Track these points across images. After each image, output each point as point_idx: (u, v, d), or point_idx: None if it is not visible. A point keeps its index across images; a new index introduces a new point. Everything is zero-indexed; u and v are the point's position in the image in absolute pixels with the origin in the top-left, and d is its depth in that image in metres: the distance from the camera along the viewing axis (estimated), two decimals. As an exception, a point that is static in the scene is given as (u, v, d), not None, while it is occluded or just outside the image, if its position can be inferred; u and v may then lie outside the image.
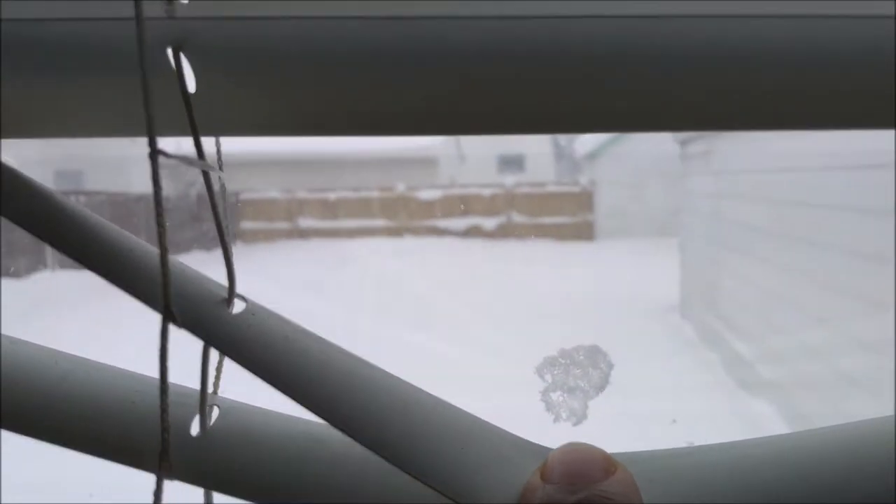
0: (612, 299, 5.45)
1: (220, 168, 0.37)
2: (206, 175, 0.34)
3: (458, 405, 0.38)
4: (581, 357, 0.40)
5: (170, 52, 0.33)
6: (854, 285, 2.70)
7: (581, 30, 0.34)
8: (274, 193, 10.41)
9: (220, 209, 0.35)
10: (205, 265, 0.40)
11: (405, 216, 10.37)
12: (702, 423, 2.74)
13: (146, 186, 0.35)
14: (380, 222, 10.30)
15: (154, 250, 0.32)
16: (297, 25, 0.35)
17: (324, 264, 7.62)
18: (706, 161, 4.92)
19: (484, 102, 0.35)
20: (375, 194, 10.54)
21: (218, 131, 0.38)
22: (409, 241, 9.84)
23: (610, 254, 8.68)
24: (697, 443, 0.37)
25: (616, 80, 0.35)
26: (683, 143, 5.46)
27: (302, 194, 10.55)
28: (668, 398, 3.11)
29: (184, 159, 0.31)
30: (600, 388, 0.39)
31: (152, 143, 0.29)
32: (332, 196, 10.53)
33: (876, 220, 2.49)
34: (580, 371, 0.39)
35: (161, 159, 0.30)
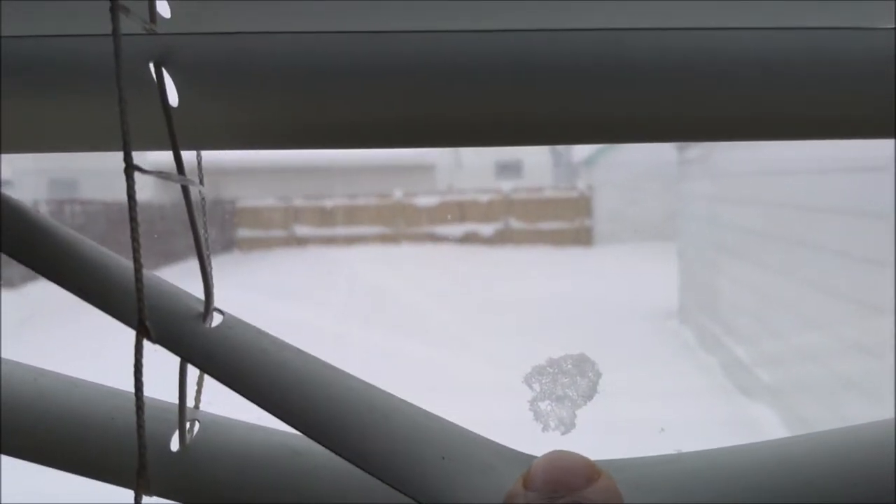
0: (611, 305, 5.44)
1: (201, 182, 0.37)
2: (185, 189, 0.34)
3: (449, 414, 0.38)
4: (569, 366, 0.40)
5: (151, 66, 0.33)
6: (852, 289, 2.70)
7: (583, 42, 0.34)
8: (270, 201, 10.40)
9: (199, 223, 0.34)
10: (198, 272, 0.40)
11: (402, 223, 10.36)
12: (702, 426, 2.73)
13: (140, 195, 0.35)
14: (377, 229, 10.28)
15: (129, 266, 0.32)
16: (277, 40, 0.35)
17: (321, 272, 7.62)
18: (703, 165, 4.93)
19: (463, 114, 0.35)
20: (372, 201, 10.52)
21: (200, 144, 0.38)
22: (406, 249, 9.83)
23: (609, 259, 8.67)
24: (693, 447, 0.37)
25: (620, 90, 0.35)
26: (681, 148, 5.46)
27: (298, 202, 10.53)
28: (667, 403, 3.10)
29: (160, 174, 0.31)
30: (588, 396, 0.39)
31: (128, 158, 0.29)
32: (328, 203, 10.53)
33: (874, 223, 2.50)
34: (568, 380, 0.39)
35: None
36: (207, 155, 0.39)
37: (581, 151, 11.87)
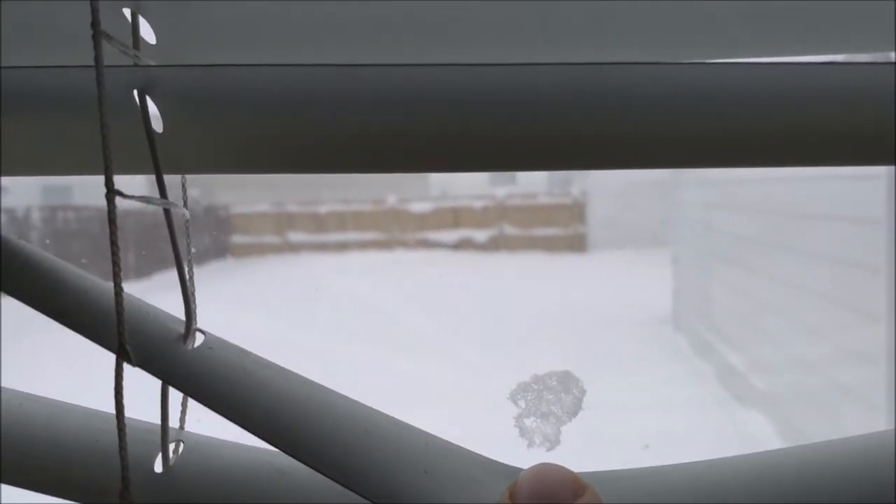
0: (605, 311, 5.44)
1: (185, 205, 0.37)
2: (167, 212, 0.34)
3: (435, 427, 0.38)
4: (553, 383, 0.40)
5: (136, 94, 0.34)
6: (846, 295, 2.70)
7: (585, 76, 0.35)
8: (264, 207, 10.35)
9: (181, 245, 0.35)
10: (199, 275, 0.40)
11: (397, 229, 10.33)
12: (695, 435, 2.73)
13: (132, 202, 0.35)
14: (371, 235, 10.24)
15: (110, 289, 0.32)
16: (259, 72, 0.35)
17: (313, 277, 7.60)
18: (697, 172, 4.94)
19: (443, 142, 0.35)
20: (366, 207, 10.50)
21: (184, 168, 0.38)
22: (400, 255, 9.81)
23: (603, 266, 8.67)
24: (686, 456, 0.37)
25: (641, 120, 0.35)
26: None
27: (292, 207, 10.49)
28: (662, 409, 3.10)
29: (142, 198, 0.31)
30: (573, 413, 0.39)
31: (109, 184, 0.30)
32: (322, 209, 10.50)
33: (867, 230, 2.50)
34: (553, 396, 0.40)
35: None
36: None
37: (575, 158, 11.81)
